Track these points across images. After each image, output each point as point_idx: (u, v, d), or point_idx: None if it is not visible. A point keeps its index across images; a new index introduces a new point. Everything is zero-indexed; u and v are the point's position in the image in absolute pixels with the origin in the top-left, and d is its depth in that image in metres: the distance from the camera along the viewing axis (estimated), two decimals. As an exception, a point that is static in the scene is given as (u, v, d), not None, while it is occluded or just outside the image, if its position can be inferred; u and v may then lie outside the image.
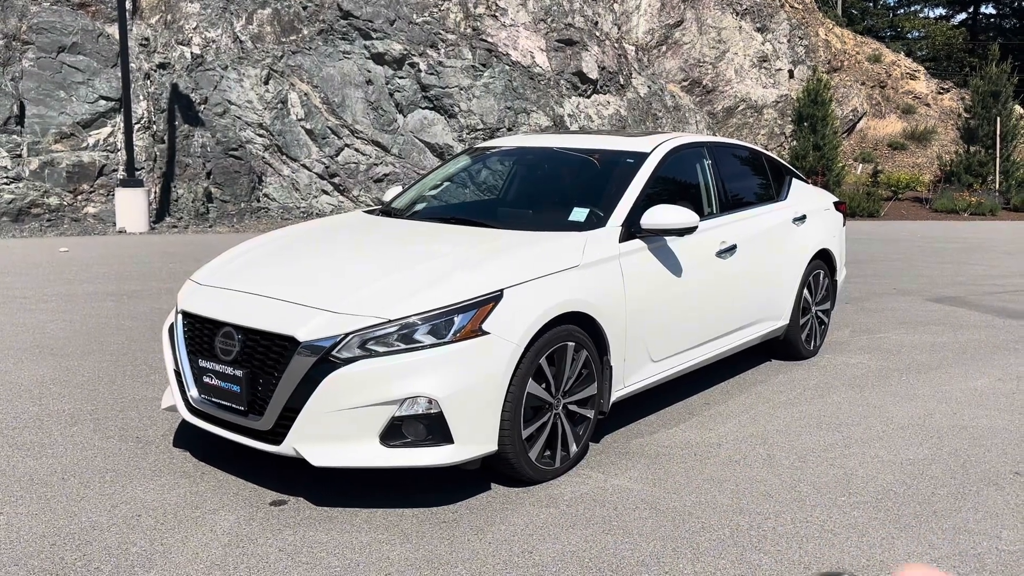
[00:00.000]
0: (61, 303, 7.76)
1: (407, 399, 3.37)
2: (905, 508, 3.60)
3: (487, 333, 3.49)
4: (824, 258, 6.18)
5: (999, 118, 23.47)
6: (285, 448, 3.46)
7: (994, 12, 51.19)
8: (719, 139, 5.84)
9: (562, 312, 3.77)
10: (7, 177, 13.92)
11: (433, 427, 3.42)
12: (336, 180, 16.75)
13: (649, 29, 23.03)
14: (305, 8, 17.18)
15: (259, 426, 3.53)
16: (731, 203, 5.31)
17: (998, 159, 23.38)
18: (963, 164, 23.68)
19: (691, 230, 4.43)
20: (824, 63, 27.47)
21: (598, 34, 20.38)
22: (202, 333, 3.79)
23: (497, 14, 18.65)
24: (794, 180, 6.22)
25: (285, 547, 3.18)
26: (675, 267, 4.54)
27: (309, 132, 16.62)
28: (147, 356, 5.88)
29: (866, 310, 8.08)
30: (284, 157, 16.44)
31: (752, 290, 5.33)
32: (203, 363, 3.74)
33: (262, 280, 3.91)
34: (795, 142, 22.56)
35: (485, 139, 16.79)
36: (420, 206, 5.27)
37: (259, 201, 16.15)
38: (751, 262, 5.25)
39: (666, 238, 4.49)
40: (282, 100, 16.50)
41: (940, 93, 30.76)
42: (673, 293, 4.54)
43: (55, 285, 8.75)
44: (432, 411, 3.39)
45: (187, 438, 4.26)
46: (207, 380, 3.72)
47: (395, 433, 3.42)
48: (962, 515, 3.54)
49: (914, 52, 40.22)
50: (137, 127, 14.82)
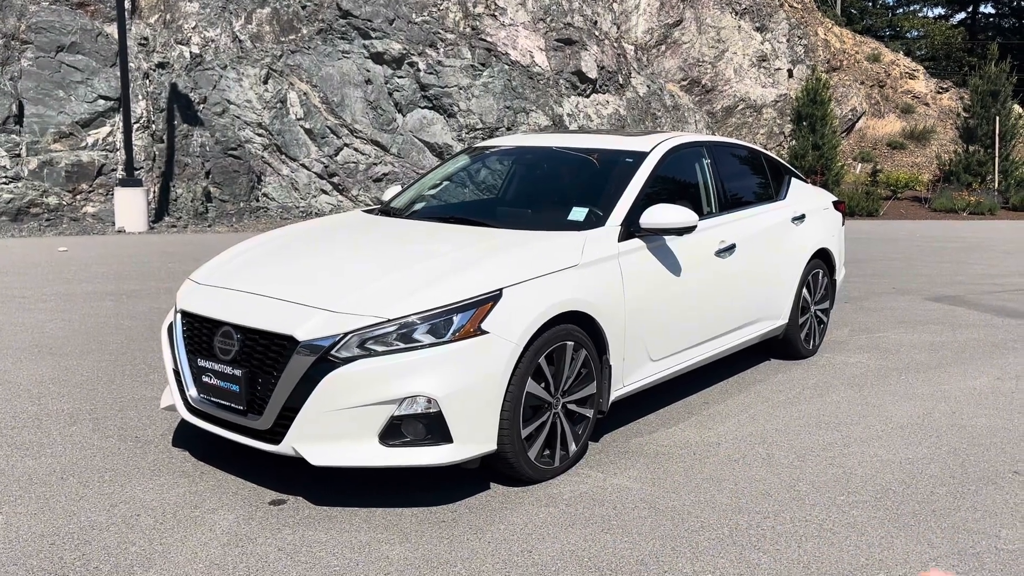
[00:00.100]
0: (60, 303, 7.76)
1: (406, 398, 3.37)
2: (904, 507, 3.60)
3: (486, 332, 3.49)
4: (823, 257, 6.19)
5: (998, 117, 23.48)
6: (284, 447, 3.46)
7: (993, 11, 51.31)
8: (718, 138, 5.84)
9: (561, 311, 3.77)
10: (6, 177, 13.91)
11: (432, 426, 3.42)
12: (335, 180, 16.75)
13: (648, 28, 23.04)
14: (304, 7, 17.17)
15: (258, 425, 3.53)
16: (730, 202, 5.32)
17: (997, 158, 23.38)
18: (962, 163, 23.69)
19: (690, 229, 4.43)
20: (823, 62, 27.48)
21: (597, 33, 20.38)
22: (201, 332, 3.79)
23: (496, 13, 18.64)
24: (793, 179, 6.22)
25: (284, 546, 3.18)
26: (674, 266, 4.54)
27: (308, 132, 16.61)
28: (146, 356, 5.88)
29: (865, 309, 8.09)
30: (283, 157, 16.44)
31: (751, 289, 5.33)
32: (202, 362, 3.74)
33: (261, 279, 3.91)
34: (794, 141, 22.57)
35: (484, 138, 16.78)
36: (419, 205, 5.27)
37: (258, 201, 16.14)
38: (750, 261, 5.25)
39: (665, 237, 4.50)
40: (281, 99, 16.49)
41: (939, 92, 30.79)
42: (672, 292, 4.54)
43: (54, 285, 8.75)
44: (431, 410, 3.39)
45: (186, 437, 4.26)
46: (206, 379, 3.72)
47: (394, 432, 3.42)
48: (961, 514, 3.55)
49: (913, 51, 40.25)
50: (136, 126, 14.82)
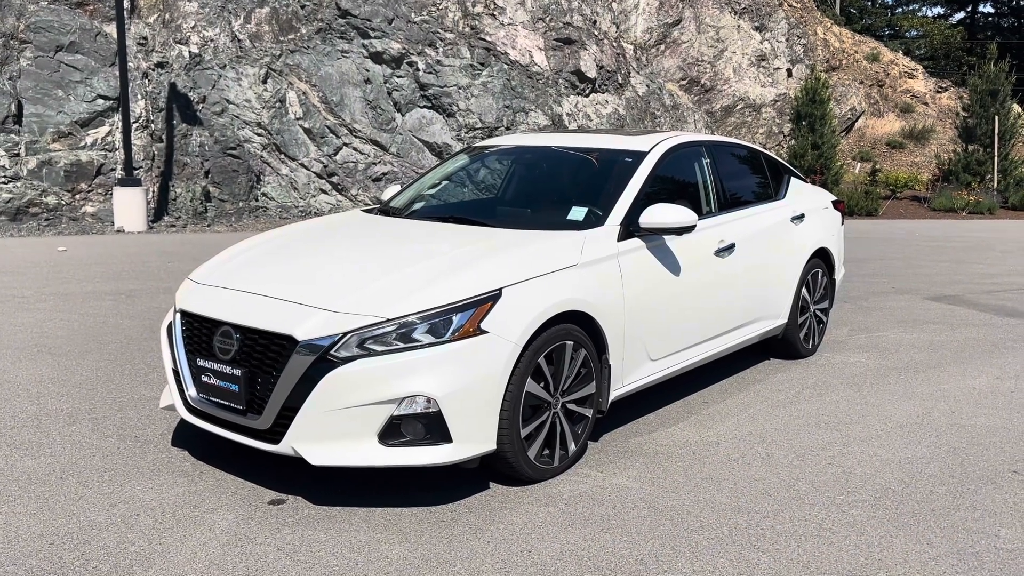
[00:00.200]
0: (59, 302, 7.75)
1: (405, 398, 3.37)
2: (903, 506, 3.60)
3: (485, 332, 3.49)
4: (822, 257, 6.19)
5: (997, 117, 23.48)
6: (283, 447, 3.46)
7: (992, 11, 51.32)
8: (717, 138, 5.84)
9: (561, 311, 3.77)
10: (5, 176, 13.90)
11: (432, 426, 3.42)
12: (334, 179, 16.75)
13: (647, 28, 23.03)
14: (303, 7, 17.16)
15: (257, 425, 3.53)
16: (729, 202, 5.32)
17: (996, 158, 23.38)
18: (961, 163, 23.69)
19: (689, 229, 4.43)
20: (822, 62, 27.49)
21: (596, 33, 20.38)
22: (200, 332, 3.79)
23: (495, 13, 18.64)
24: (792, 179, 6.23)
25: (283, 546, 3.18)
26: (673, 266, 4.54)
27: (307, 131, 16.61)
28: (145, 355, 5.88)
29: (864, 309, 8.09)
30: (282, 156, 16.43)
31: (750, 289, 5.33)
32: (201, 362, 3.74)
33: (260, 279, 3.91)
34: (793, 141, 22.57)
35: (483, 138, 16.78)
36: (418, 205, 5.27)
37: (257, 200, 16.14)
38: (749, 261, 5.25)
39: (664, 237, 4.49)
40: (280, 99, 16.49)
41: (938, 92, 30.79)
42: (671, 292, 4.54)
43: (53, 284, 8.74)
44: (431, 410, 3.39)
45: (185, 437, 4.26)
46: (205, 379, 3.72)
47: (394, 432, 3.42)
48: (960, 513, 3.55)
49: (912, 51, 40.25)
50: (135, 126, 14.81)
